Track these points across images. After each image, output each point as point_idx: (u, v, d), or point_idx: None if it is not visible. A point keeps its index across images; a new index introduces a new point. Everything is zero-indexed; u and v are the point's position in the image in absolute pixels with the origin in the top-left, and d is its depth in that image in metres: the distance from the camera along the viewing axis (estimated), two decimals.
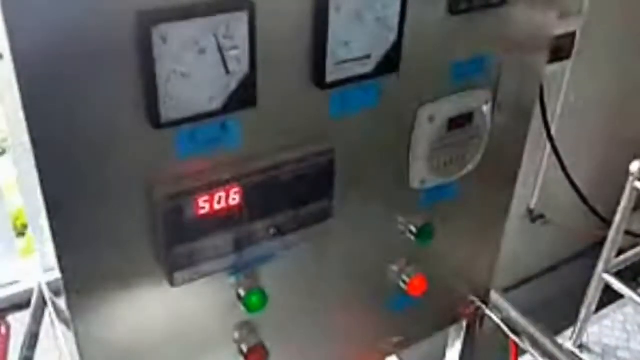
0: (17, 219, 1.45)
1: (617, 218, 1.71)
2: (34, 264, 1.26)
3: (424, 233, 0.88)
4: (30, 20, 0.52)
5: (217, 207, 0.68)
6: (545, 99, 1.70)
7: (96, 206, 0.63)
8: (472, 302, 1.07)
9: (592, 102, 1.95)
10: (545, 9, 0.86)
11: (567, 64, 1.77)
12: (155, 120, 0.61)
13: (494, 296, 1.09)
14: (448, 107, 0.82)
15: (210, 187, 0.67)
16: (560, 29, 1.66)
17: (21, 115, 0.57)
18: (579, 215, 2.02)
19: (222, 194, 0.68)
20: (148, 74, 0.58)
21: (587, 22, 1.71)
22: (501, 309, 1.07)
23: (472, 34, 0.80)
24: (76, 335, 0.69)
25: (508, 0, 0.79)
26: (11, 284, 1.29)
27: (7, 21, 0.52)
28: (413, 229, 0.89)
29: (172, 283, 0.70)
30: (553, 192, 1.98)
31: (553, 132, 1.81)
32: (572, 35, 1.71)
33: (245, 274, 0.77)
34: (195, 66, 0.60)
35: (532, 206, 2.00)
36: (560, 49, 1.72)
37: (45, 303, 1.13)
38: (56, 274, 0.68)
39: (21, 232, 1.49)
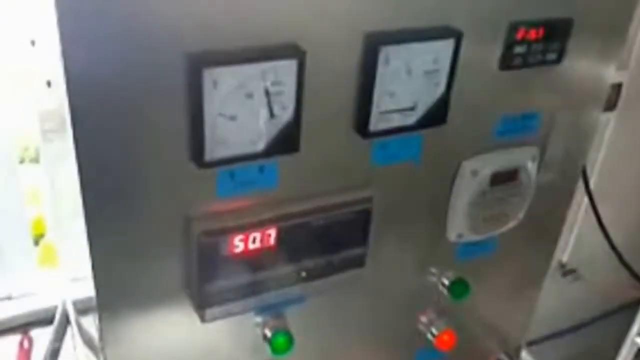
0: (33, 228, 1.43)
1: None
2: (54, 277, 1.26)
3: (457, 288, 0.86)
4: (85, 51, 0.53)
5: (251, 246, 0.68)
6: None
7: (134, 232, 0.64)
8: None
9: (634, 155, 1.90)
10: (602, 65, 0.83)
11: (611, 116, 1.74)
12: (199, 159, 0.61)
13: (525, 355, 1.05)
14: (492, 162, 0.80)
15: (246, 227, 0.67)
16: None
17: (70, 140, 0.57)
18: (614, 272, 1.96)
19: (257, 235, 0.68)
20: (196, 114, 0.58)
21: (633, 75, 1.68)
22: None
23: (523, 90, 0.79)
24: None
25: (564, 57, 0.77)
26: (28, 295, 1.29)
27: (65, 54, 0.53)
28: (446, 282, 0.87)
29: (203, 319, 0.70)
30: (587, 247, 1.93)
31: (591, 184, 1.77)
32: (619, 86, 1.68)
33: (273, 314, 0.76)
34: (242, 109, 0.60)
35: (565, 260, 1.94)
36: (607, 100, 1.68)
37: (68, 321, 1.13)
38: (87, 292, 0.68)
39: (35, 242, 1.46)
